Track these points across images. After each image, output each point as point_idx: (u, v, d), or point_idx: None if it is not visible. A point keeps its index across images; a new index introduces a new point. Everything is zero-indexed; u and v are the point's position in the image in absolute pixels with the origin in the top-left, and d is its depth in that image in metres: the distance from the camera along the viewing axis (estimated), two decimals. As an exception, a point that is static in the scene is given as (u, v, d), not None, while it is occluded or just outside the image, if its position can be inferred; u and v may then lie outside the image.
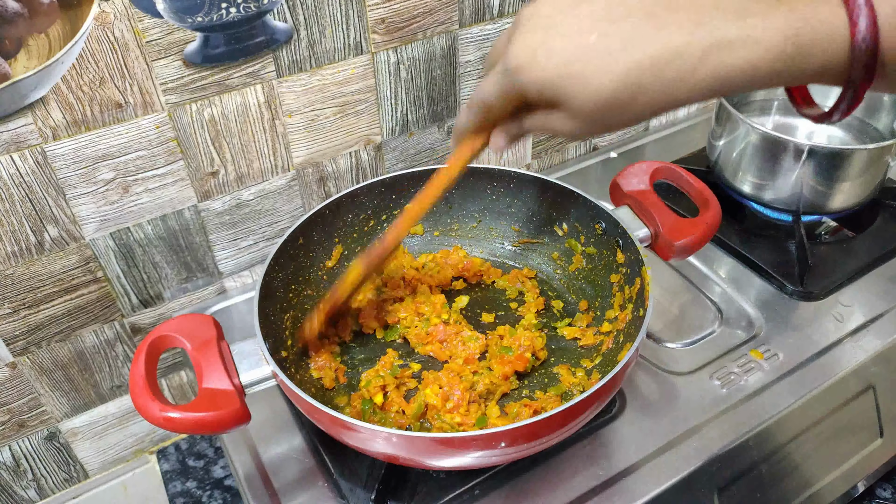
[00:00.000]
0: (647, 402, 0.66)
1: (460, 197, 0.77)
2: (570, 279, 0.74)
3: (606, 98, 0.40)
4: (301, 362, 0.65)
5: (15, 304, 0.67)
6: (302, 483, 0.61)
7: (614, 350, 0.64)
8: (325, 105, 0.75)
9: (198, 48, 0.64)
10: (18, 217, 0.63)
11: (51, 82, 0.58)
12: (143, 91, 0.63)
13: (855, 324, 0.73)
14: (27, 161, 0.61)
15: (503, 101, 0.46)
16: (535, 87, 0.42)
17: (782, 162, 0.79)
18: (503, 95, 0.45)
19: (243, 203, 0.76)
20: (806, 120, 0.94)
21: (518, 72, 0.42)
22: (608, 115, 0.41)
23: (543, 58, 0.41)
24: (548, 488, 0.59)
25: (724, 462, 0.62)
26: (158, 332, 0.55)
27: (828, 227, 0.88)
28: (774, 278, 0.78)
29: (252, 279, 0.82)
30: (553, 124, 0.44)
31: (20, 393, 0.72)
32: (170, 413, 0.50)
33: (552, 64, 0.40)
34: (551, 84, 0.41)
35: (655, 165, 0.70)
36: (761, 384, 0.67)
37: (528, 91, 0.43)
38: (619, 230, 0.66)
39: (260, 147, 0.73)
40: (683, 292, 0.78)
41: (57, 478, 0.80)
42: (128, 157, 0.66)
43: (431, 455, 0.52)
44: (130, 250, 0.71)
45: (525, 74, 0.42)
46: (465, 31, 0.79)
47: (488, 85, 0.46)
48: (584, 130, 0.43)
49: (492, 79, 0.45)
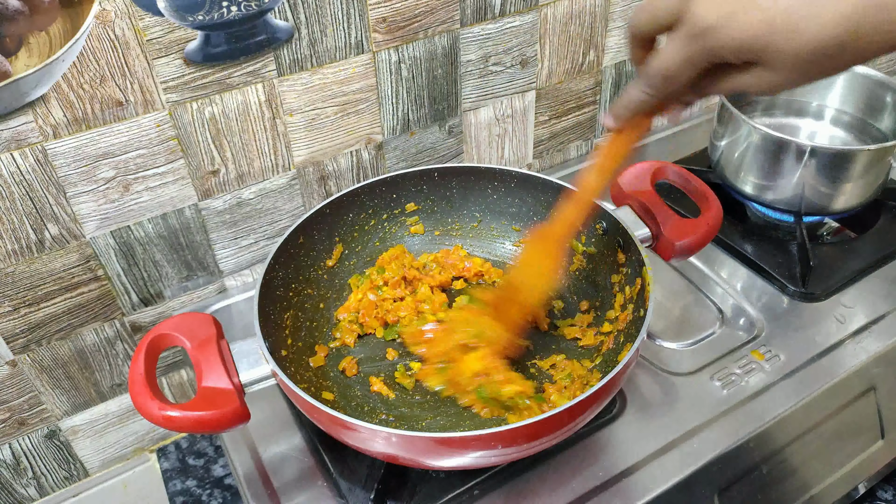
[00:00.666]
0: (647, 402, 0.66)
1: (461, 196, 0.77)
2: (571, 279, 0.74)
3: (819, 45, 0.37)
4: (301, 361, 0.65)
5: (15, 302, 0.67)
6: (301, 482, 0.61)
7: (615, 350, 0.63)
8: (326, 104, 0.75)
9: (198, 47, 0.64)
10: (19, 215, 0.63)
11: (51, 80, 0.58)
12: (143, 89, 0.63)
13: (856, 325, 0.73)
14: (28, 159, 0.61)
15: (691, 69, 0.42)
16: (735, 45, 0.39)
17: (784, 162, 0.79)
18: (692, 62, 0.41)
19: (244, 202, 0.76)
20: (808, 120, 0.94)
21: (714, 31, 0.39)
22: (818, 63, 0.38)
23: (744, 13, 0.38)
24: (548, 489, 0.59)
25: (725, 463, 0.62)
26: (158, 330, 0.55)
27: (830, 228, 0.87)
28: (776, 279, 0.78)
29: (252, 278, 0.82)
30: (748, 83, 0.41)
31: (20, 391, 0.72)
32: (169, 412, 0.49)
33: (755, 19, 0.37)
34: (754, 41, 0.38)
35: (657, 165, 0.70)
36: (762, 385, 0.67)
37: (724, 52, 0.40)
38: (619, 230, 0.66)
39: (261, 146, 0.73)
40: (684, 293, 0.78)
41: (57, 476, 0.80)
42: (128, 155, 0.66)
43: (431, 455, 0.52)
44: (131, 249, 0.71)
45: (724, 34, 0.38)
46: (467, 31, 0.79)
47: (670, 52, 0.42)
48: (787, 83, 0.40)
49: (674, 45, 0.41)
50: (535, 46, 0.85)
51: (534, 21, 0.83)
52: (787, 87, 0.41)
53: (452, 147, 0.88)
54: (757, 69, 0.40)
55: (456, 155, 0.89)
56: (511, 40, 0.83)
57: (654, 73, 0.44)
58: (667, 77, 0.44)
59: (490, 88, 0.85)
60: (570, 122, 0.96)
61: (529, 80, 0.88)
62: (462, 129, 0.87)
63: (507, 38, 0.82)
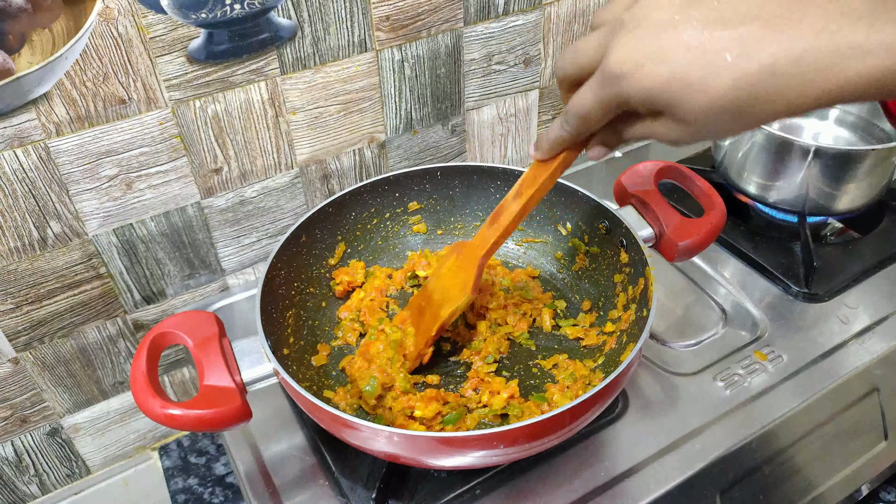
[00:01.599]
0: (649, 402, 0.66)
1: (464, 196, 0.77)
2: (574, 279, 0.73)
3: (719, 105, 0.38)
4: (303, 360, 0.65)
5: (18, 299, 0.67)
6: (303, 481, 0.61)
7: (617, 350, 0.63)
8: (329, 102, 0.74)
9: (201, 45, 0.64)
10: (21, 213, 0.63)
11: (54, 78, 0.58)
12: (146, 87, 0.63)
13: (860, 326, 0.73)
14: (30, 157, 0.61)
15: (603, 112, 0.44)
16: (641, 95, 0.40)
17: (788, 162, 0.79)
18: (604, 106, 0.43)
19: (246, 200, 0.76)
20: (812, 120, 0.94)
21: (623, 79, 0.40)
22: (719, 122, 0.39)
23: (652, 64, 0.39)
24: (549, 489, 0.59)
25: (727, 464, 0.61)
26: (160, 328, 0.55)
27: (833, 229, 0.87)
28: (779, 279, 0.78)
29: (255, 276, 0.82)
30: (657, 132, 0.43)
31: (22, 388, 0.72)
32: (170, 410, 0.49)
33: (663, 71, 0.38)
34: (661, 92, 0.39)
35: (660, 165, 0.69)
36: (765, 386, 0.67)
37: (632, 99, 0.41)
38: (622, 230, 0.66)
39: (263, 144, 0.73)
40: (687, 293, 0.78)
41: (59, 473, 0.80)
42: (131, 153, 0.66)
43: (432, 454, 0.52)
44: (133, 247, 0.71)
45: (632, 82, 0.40)
46: (470, 29, 0.79)
47: (585, 95, 0.44)
48: (692, 137, 0.42)
49: (589, 88, 0.43)
50: (538, 45, 0.85)
51: (537, 20, 0.83)
52: (694, 139, 0.42)
53: (455, 146, 0.88)
54: (665, 119, 0.41)
55: (459, 154, 0.89)
56: (514, 39, 0.83)
57: (571, 112, 0.46)
58: (581, 117, 0.45)
59: (493, 87, 0.85)
60: (573, 121, 0.96)
61: (533, 79, 0.88)
62: (465, 128, 0.87)
63: (510, 37, 0.82)
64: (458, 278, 0.62)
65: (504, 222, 0.58)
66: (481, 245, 0.61)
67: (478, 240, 0.61)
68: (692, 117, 0.39)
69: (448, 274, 0.63)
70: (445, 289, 0.63)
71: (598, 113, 0.44)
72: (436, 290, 0.64)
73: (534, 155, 0.54)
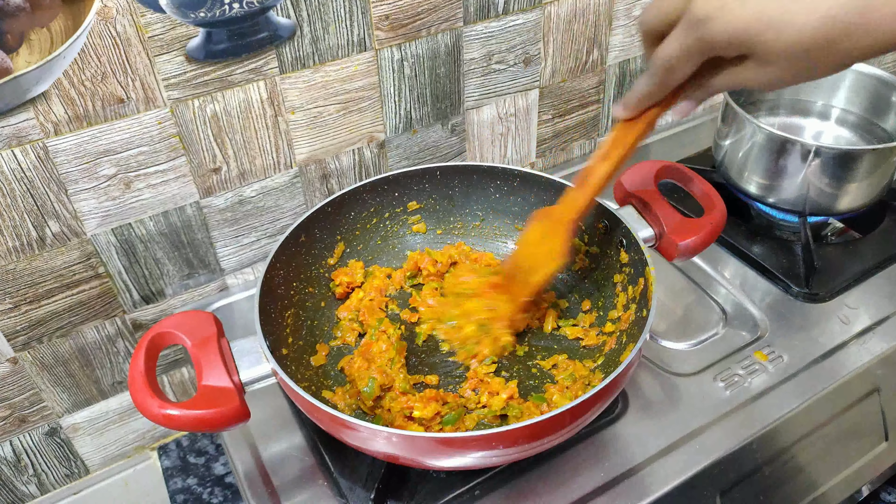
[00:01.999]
0: (649, 403, 0.65)
1: (463, 195, 0.76)
2: (573, 279, 0.73)
3: (807, 42, 0.38)
4: (302, 360, 0.65)
5: (16, 299, 0.67)
6: (302, 481, 0.61)
7: (617, 350, 0.63)
8: (329, 102, 0.74)
9: (200, 44, 0.64)
10: (20, 212, 0.63)
11: (52, 77, 0.58)
12: (145, 86, 0.63)
13: (861, 326, 0.73)
14: (29, 156, 0.61)
15: (689, 60, 0.44)
16: (726, 36, 0.40)
17: (789, 162, 0.78)
18: (689, 52, 0.43)
19: (245, 200, 0.76)
20: (813, 120, 0.94)
21: (708, 21, 0.40)
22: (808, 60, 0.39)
23: (735, 6, 0.39)
24: (549, 489, 0.59)
25: (728, 465, 0.61)
26: (158, 328, 0.54)
27: (834, 229, 0.87)
28: (780, 280, 0.78)
29: (254, 276, 0.82)
30: (745, 76, 0.43)
31: (21, 388, 0.72)
32: (168, 410, 0.49)
33: (745, 12, 0.39)
34: (745, 31, 0.39)
35: (660, 165, 0.69)
36: (765, 386, 0.66)
37: (717, 42, 0.41)
38: (622, 230, 0.65)
39: (262, 144, 0.73)
40: (687, 293, 0.78)
41: (58, 473, 0.80)
42: (130, 152, 0.66)
43: (431, 455, 0.52)
44: (132, 246, 0.71)
45: (717, 24, 0.40)
46: (470, 29, 0.79)
47: (671, 43, 0.44)
48: (780, 80, 0.42)
49: (674, 37, 0.43)
50: (538, 45, 0.85)
51: (537, 19, 0.83)
52: (781, 83, 0.42)
53: (455, 145, 0.87)
54: (751, 63, 0.41)
55: (458, 153, 0.89)
56: (514, 38, 0.83)
57: (656, 64, 0.46)
58: (667, 68, 0.45)
59: (493, 87, 0.85)
60: (573, 120, 0.96)
61: (533, 78, 0.88)
62: (465, 127, 0.86)
63: (510, 37, 0.82)
64: (545, 245, 0.61)
65: (592, 183, 0.57)
66: (570, 209, 0.59)
67: (565, 205, 0.60)
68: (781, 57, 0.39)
69: (535, 241, 0.62)
70: (534, 256, 0.62)
71: (683, 61, 0.44)
72: (525, 257, 0.63)
73: (619, 114, 0.53)
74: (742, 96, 0.92)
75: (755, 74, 0.42)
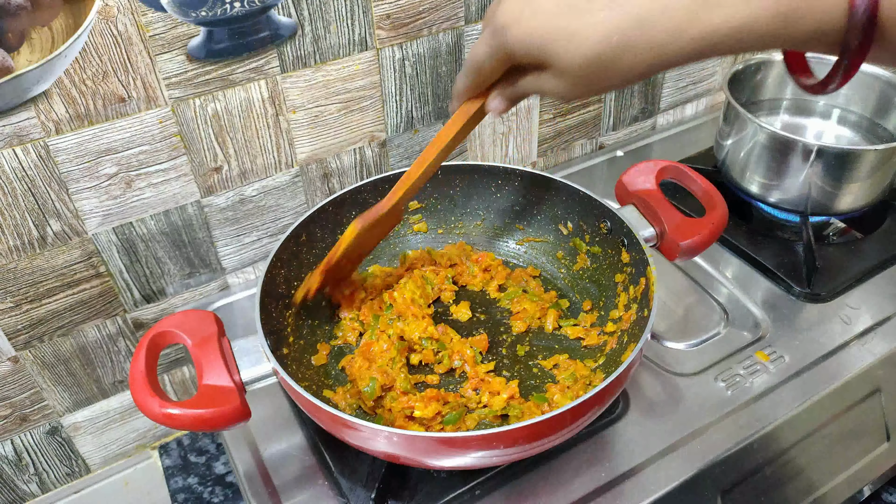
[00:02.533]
0: (650, 403, 0.65)
1: (464, 195, 0.76)
2: (575, 278, 0.73)
3: (592, 56, 0.40)
4: (303, 359, 0.65)
5: (17, 298, 0.67)
6: (302, 481, 0.61)
7: (618, 350, 0.63)
8: (330, 101, 0.74)
9: (201, 43, 0.64)
10: (21, 211, 0.63)
11: (54, 76, 0.58)
12: (146, 85, 0.63)
13: (862, 326, 0.72)
14: (30, 155, 0.61)
15: (493, 61, 0.47)
16: (521, 44, 0.43)
17: (790, 162, 0.78)
18: (493, 55, 0.46)
19: (246, 199, 0.76)
20: (815, 119, 0.94)
21: (505, 29, 0.43)
22: (595, 74, 0.41)
23: (529, 15, 0.42)
24: (549, 489, 0.59)
25: (729, 465, 0.61)
26: (159, 327, 0.54)
27: (836, 229, 0.87)
28: (781, 279, 0.77)
29: (255, 275, 0.82)
30: (543, 85, 0.45)
31: (22, 387, 0.72)
32: (169, 409, 0.49)
33: (537, 21, 0.42)
34: (537, 41, 0.42)
35: (662, 164, 0.69)
36: (767, 386, 0.66)
37: (515, 49, 0.44)
38: (624, 230, 0.65)
39: (263, 143, 0.73)
40: (689, 293, 0.77)
41: (58, 472, 0.80)
42: (131, 151, 0.66)
43: (432, 455, 0.52)
44: (133, 245, 0.71)
45: (511, 32, 0.43)
46: (471, 28, 0.79)
47: (479, 46, 0.47)
48: (573, 91, 0.44)
49: (482, 39, 0.46)
50: (539, 44, 0.85)
51: (539, 18, 0.83)
52: (577, 95, 0.45)
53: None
54: (548, 74, 0.44)
55: (459, 153, 0.89)
56: (516, 38, 0.82)
57: (467, 63, 0.50)
58: (475, 68, 0.49)
59: (494, 86, 0.85)
60: (574, 120, 0.96)
61: (534, 77, 0.87)
62: (466, 126, 0.86)
63: (511, 36, 0.82)
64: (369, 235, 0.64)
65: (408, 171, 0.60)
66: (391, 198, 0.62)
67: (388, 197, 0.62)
68: (569, 69, 0.42)
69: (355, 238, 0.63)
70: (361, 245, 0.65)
71: (488, 62, 0.47)
72: None
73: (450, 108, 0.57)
74: (744, 96, 0.92)
75: (552, 85, 0.44)
